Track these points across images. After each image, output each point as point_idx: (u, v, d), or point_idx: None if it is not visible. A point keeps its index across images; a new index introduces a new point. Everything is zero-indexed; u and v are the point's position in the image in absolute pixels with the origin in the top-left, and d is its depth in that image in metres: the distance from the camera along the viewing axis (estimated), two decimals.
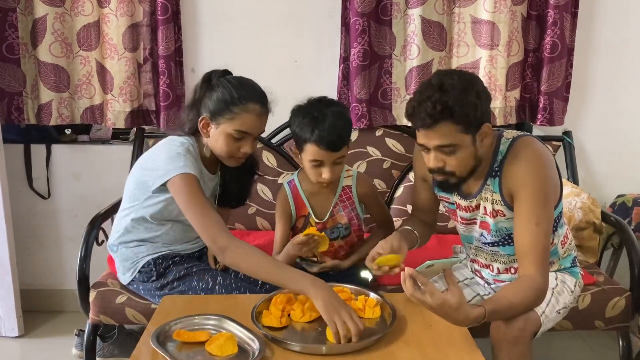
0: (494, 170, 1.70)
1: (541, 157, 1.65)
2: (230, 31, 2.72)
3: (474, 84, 1.57)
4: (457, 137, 1.57)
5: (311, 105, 1.87)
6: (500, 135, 1.72)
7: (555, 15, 2.56)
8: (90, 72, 2.68)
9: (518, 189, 1.63)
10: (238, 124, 1.81)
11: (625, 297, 2.08)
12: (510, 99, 2.68)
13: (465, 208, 1.80)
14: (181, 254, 2.03)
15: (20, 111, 2.67)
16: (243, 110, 1.80)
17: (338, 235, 2.01)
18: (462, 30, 2.64)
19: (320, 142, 1.79)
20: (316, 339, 1.50)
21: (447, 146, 1.58)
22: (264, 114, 1.86)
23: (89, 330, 2.16)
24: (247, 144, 1.85)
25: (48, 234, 2.91)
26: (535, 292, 1.57)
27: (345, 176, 2.01)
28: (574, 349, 2.59)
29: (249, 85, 1.86)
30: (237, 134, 1.82)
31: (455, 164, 1.62)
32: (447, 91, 1.53)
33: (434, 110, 1.52)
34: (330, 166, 1.84)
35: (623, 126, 2.81)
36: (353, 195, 2.00)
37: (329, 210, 1.99)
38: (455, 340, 1.48)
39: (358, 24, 2.55)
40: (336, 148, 1.81)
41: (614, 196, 2.69)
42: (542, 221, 1.61)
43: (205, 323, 1.53)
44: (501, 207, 1.71)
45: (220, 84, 1.84)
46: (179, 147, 1.84)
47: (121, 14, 2.58)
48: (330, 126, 1.79)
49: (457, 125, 1.55)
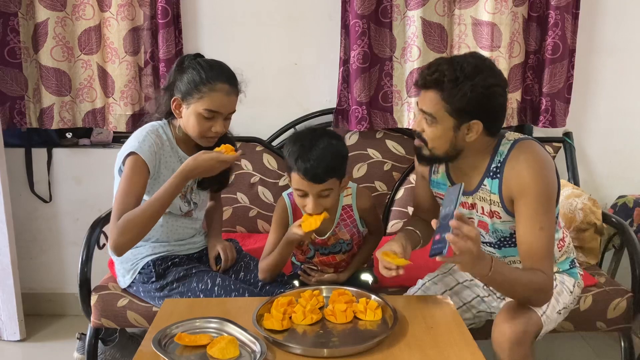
0: (491, 170, 1.70)
1: (543, 162, 1.65)
2: (230, 34, 2.73)
3: (484, 80, 1.57)
4: (439, 111, 1.61)
5: (304, 134, 1.82)
6: (502, 135, 1.72)
7: (557, 16, 2.55)
8: (92, 75, 2.69)
9: (521, 194, 1.63)
10: (207, 103, 1.86)
11: (627, 298, 2.08)
12: (512, 101, 2.67)
13: (462, 204, 1.80)
14: (180, 255, 2.04)
15: (22, 115, 2.69)
16: (211, 89, 1.86)
17: (341, 250, 1.98)
18: (463, 31, 2.64)
19: (303, 172, 1.73)
20: (318, 341, 1.49)
21: (427, 114, 1.63)
22: (232, 93, 1.91)
23: (90, 333, 2.17)
24: (217, 123, 1.90)
25: (49, 238, 2.91)
26: (541, 281, 1.57)
27: (345, 195, 1.96)
28: (576, 350, 2.58)
29: (217, 66, 1.92)
30: (207, 113, 1.87)
31: (430, 136, 1.66)
32: (452, 67, 1.57)
33: (429, 76, 1.59)
34: (315, 198, 1.76)
35: (624, 127, 2.81)
36: (354, 212, 1.97)
37: (331, 230, 1.95)
38: (457, 342, 1.48)
39: (358, 26, 2.55)
40: (319, 180, 1.74)
41: (615, 197, 2.69)
42: (545, 225, 1.61)
43: (207, 326, 1.53)
44: (498, 208, 1.71)
45: (190, 66, 1.91)
46: (145, 129, 1.93)
47: (122, 18, 2.59)
48: (316, 157, 1.72)
49: (443, 102, 1.59)
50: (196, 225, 2.13)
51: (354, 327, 1.56)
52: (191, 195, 2.04)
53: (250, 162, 2.65)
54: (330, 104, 2.75)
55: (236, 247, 2.17)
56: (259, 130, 2.74)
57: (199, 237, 2.16)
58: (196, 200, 2.07)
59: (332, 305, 1.62)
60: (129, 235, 1.76)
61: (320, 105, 2.77)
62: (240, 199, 2.62)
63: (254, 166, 2.64)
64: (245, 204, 2.62)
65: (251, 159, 2.65)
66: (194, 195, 2.05)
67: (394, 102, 2.70)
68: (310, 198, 1.77)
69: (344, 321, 1.57)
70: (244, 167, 2.64)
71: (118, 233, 1.75)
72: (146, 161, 1.86)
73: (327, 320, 1.59)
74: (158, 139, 1.92)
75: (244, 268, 2.08)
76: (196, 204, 2.07)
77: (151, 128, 1.94)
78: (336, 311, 1.58)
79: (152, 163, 1.88)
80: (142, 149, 1.87)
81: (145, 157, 1.86)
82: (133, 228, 1.76)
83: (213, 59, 1.96)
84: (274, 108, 2.77)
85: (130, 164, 1.85)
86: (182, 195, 2.00)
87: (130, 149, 1.87)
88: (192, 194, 2.05)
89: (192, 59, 1.94)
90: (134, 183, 1.83)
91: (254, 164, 2.65)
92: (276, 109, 2.77)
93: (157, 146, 1.91)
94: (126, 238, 1.76)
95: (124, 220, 1.76)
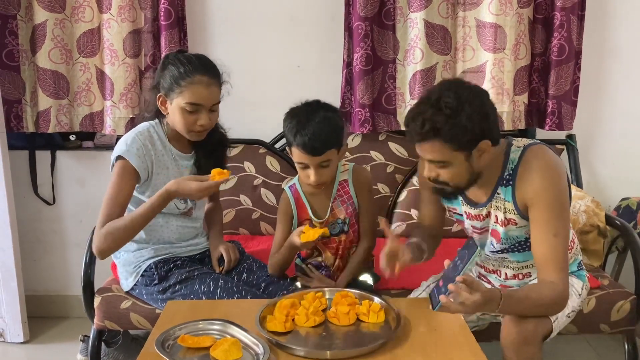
0: (504, 178, 1.69)
1: (555, 167, 1.65)
2: (234, 36, 2.73)
3: (472, 103, 1.54)
4: (448, 154, 1.57)
5: (300, 109, 1.91)
6: (510, 143, 1.71)
7: (562, 18, 2.53)
8: (90, 79, 2.67)
9: (534, 200, 1.63)
10: (188, 96, 1.88)
11: (631, 300, 2.07)
12: (519, 104, 2.65)
13: (476, 217, 1.79)
14: (182, 257, 2.05)
15: (19, 119, 2.67)
16: (190, 82, 1.88)
17: (338, 231, 2.01)
18: (467, 33, 2.63)
19: (302, 146, 1.83)
20: (320, 343, 1.50)
21: (437, 162, 1.60)
22: (212, 84, 1.92)
23: (93, 335, 2.17)
24: (202, 116, 1.91)
25: (53, 240, 2.92)
26: (554, 294, 1.57)
27: (342, 171, 2.03)
28: (579, 353, 2.58)
29: (195, 59, 1.94)
30: (190, 107, 1.89)
31: (448, 177, 1.63)
32: (440, 110, 1.52)
33: (422, 129, 1.54)
34: (315, 169, 1.86)
35: (627, 129, 2.80)
36: (350, 188, 2.02)
37: (329, 207, 2.00)
38: (460, 345, 1.48)
39: (361, 29, 2.55)
40: (318, 152, 1.83)
41: (619, 199, 2.68)
42: (559, 232, 1.61)
43: (210, 328, 1.53)
44: (514, 215, 1.70)
45: (171, 62, 1.94)
46: (133, 132, 1.97)
47: (122, 20, 2.58)
48: (313, 131, 1.82)
49: (447, 144, 1.55)
50: (196, 225, 2.13)
51: (356, 330, 1.56)
52: None
53: (253, 165, 2.65)
54: None
55: (239, 248, 2.17)
56: (262, 132, 2.74)
57: (201, 238, 2.16)
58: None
59: (335, 307, 1.62)
60: (112, 244, 1.85)
61: None
62: (243, 201, 2.62)
63: (257, 168, 2.65)
64: (248, 206, 2.62)
65: (254, 162, 2.66)
66: None
67: (397, 104, 2.70)
68: (312, 169, 1.87)
69: (347, 323, 1.58)
70: (247, 169, 2.64)
71: (100, 241, 1.83)
72: (134, 166, 1.88)
73: (330, 322, 1.59)
74: (148, 140, 1.94)
75: (246, 270, 2.08)
76: (194, 202, 2.07)
77: (141, 129, 1.97)
78: (339, 313, 1.59)
79: (142, 166, 1.90)
80: (129, 152, 1.89)
81: (134, 161, 1.88)
82: (116, 239, 1.84)
83: (194, 53, 1.98)
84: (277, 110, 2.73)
85: (118, 169, 1.89)
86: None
87: (118, 152, 1.90)
88: None
89: (173, 56, 1.97)
90: (120, 189, 1.88)
91: (257, 166, 2.65)
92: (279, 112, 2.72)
93: (147, 148, 1.92)
94: (108, 246, 1.85)
95: (108, 229, 1.83)
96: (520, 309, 1.57)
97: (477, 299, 1.39)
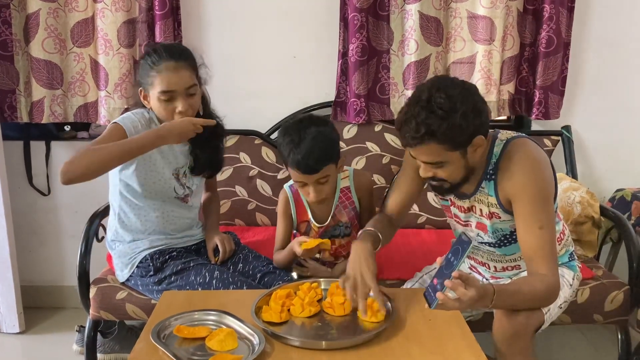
0: (488, 173, 1.69)
1: (535, 158, 1.63)
2: (229, 27, 2.72)
3: (464, 101, 1.51)
4: (443, 154, 1.56)
5: (292, 126, 1.83)
6: (495, 136, 1.70)
7: (552, 10, 2.56)
8: (84, 69, 2.66)
9: (516, 194, 1.62)
10: (159, 85, 1.89)
11: (624, 291, 2.08)
12: (504, 92, 2.68)
13: (459, 207, 1.80)
14: (178, 248, 2.05)
15: (13, 109, 2.66)
16: (158, 71, 1.89)
17: (340, 233, 2.01)
18: (459, 25, 2.64)
19: (297, 165, 1.78)
20: (316, 334, 1.50)
21: (434, 163, 1.59)
22: (181, 68, 1.91)
23: (89, 326, 2.17)
24: (179, 102, 1.91)
25: (48, 231, 2.92)
26: (545, 286, 1.57)
27: (342, 177, 1.99)
28: (573, 343, 2.60)
29: (162, 47, 1.94)
30: (163, 95, 1.89)
31: (445, 175, 1.63)
32: (433, 112, 1.50)
33: (416, 133, 1.51)
34: (314, 186, 1.82)
35: (621, 120, 2.81)
36: (352, 194, 2.00)
37: (330, 214, 1.98)
38: (455, 335, 1.49)
39: (356, 20, 2.55)
40: (313, 170, 1.79)
41: (613, 190, 2.69)
42: (545, 224, 1.60)
43: (206, 318, 1.54)
44: (497, 209, 1.70)
45: (143, 56, 1.95)
46: (130, 111, 1.97)
47: (117, 9, 2.56)
48: (306, 150, 1.76)
49: (443, 145, 1.54)
50: (192, 215, 2.13)
51: (352, 320, 1.57)
52: (185, 179, 2.05)
53: (249, 156, 2.65)
54: (328, 97, 2.75)
55: (235, 239, 2.17)
56: (258, 123, 2.74)
57: (196, 229, 2.16)
58: (190, 185, 2.07)
59: (330, 297, 1.62)
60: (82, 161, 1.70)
61: (318, 98, 2.76)
62: (239, 192, 2.62)
63: (253, 159, 2.64)
64: (243, 197, 2.62)
65: (250, 152, 2.65)
66: (187, 180, 2.06)
67: (391, 94, 2.71)
68: (310, 187, 1.83)
69: (342, 314, 1.58)
70: (243, 160, 2.64)
71: (71, 158, 1.71)
72: (125, 130, 1.87)
73: (325, 312, 1.60)
74: (143, 119, 1.95)
75: (242, 260, 2.08)
76: (191, 189, 2.08)
77: (137, 111, 1.98)
78: (334, 304, 1.59)
79: (134, 133, 1.88)
80: (124, 121, 1.90)
81: (127, 127, 1.88)
82: (87, 156, 1.71)
83: (164, 42, 1.98)
84: (273, 101, 2.77)
85: (109, 129, 1.89)
86: (176, 178, 2.02)
87: (113, 120, 1.92)
88: (186, 179, 2.05)
89: (145, 49, 1.98)
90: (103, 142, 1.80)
91: (253, 157, 2.65)
92: (275, 102, 2.77)
93: (142, 125, 1.92)
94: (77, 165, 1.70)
95: (83, 149, 1.73)
96: (513, 303, 1.57)
97: (472, 295, 1.38)
